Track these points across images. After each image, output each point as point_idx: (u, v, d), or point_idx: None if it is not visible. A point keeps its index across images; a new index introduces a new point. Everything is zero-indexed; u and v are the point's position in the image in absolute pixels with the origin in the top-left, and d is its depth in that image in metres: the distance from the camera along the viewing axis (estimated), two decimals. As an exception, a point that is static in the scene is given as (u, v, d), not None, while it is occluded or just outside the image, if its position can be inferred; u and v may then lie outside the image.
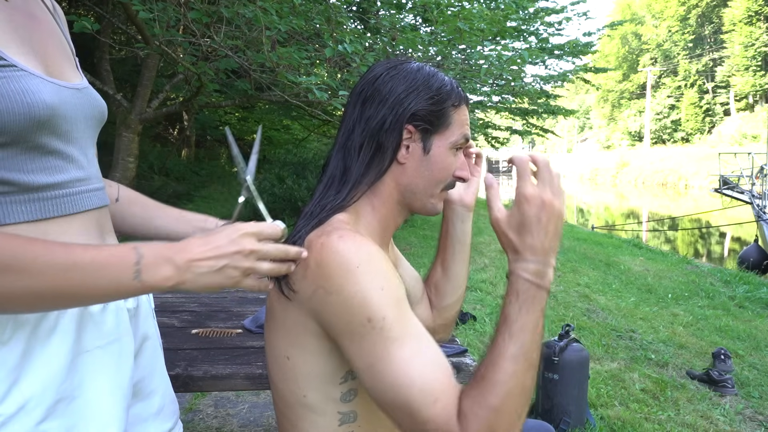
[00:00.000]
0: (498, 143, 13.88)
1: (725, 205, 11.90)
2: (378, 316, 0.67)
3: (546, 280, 0.70)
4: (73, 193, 0.66)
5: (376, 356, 0.67)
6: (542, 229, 0.69)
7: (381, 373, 0.67)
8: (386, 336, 0.67)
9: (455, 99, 0.83)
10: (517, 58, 5.93)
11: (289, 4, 3.52)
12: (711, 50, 42.83)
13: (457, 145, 0.84)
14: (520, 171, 0.71)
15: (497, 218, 0.72)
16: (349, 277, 0.68)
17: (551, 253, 0.71)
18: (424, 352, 0.68)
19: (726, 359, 2.97)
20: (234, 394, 2.43)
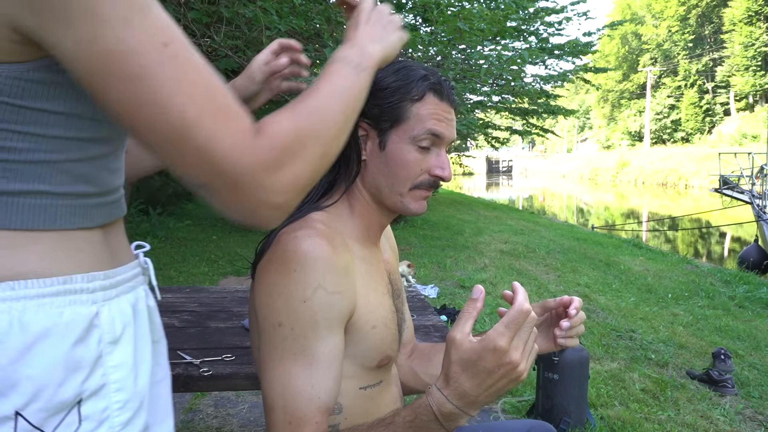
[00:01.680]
0: (498, 143, 13.89)
1: (725, 205, 11.90)
2: (287, 325, 0.70)
3: (451, 423, 0.67)
4: (122, 195, 0.64)
5: (270, 357, 0.71)
6: (486, 384, 0.64)
7: (265, 374, 0.72)
8: (286, 346, 0.70)
9: (416, 92, 0.78)
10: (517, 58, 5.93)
11: (289, 4, 3.52)
12: (711, 50, 42.83)
13: (419, 140, 0.79)
14: (510, 318, 0.64)
15: (453, 339, 0.65)
16: (282, 277, 0.71)
17: (476, 407, 0.66)
18: (308, 378, 0.70)
19: (726, 359, 2.97)
20: (234, 394, 2.43)
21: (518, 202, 22.43)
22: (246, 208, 0.51)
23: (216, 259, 5.24)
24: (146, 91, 0.45)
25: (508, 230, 8.45)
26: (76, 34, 0.44)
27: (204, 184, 0.49)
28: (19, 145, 0.49)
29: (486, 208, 13.14)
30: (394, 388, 0.91)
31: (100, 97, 0.46)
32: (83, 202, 0.55)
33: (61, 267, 0.52)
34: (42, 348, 0.50)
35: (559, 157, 56.56)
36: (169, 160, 0.49)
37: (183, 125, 0.46)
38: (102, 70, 0.45)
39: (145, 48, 0.45)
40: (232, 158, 0.48)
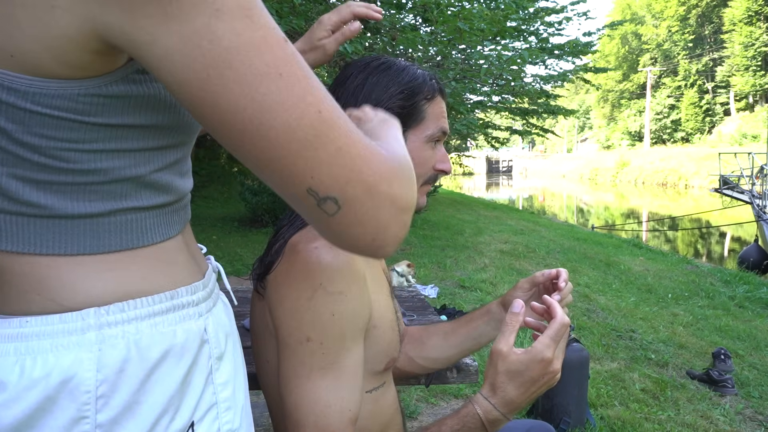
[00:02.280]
0: (498, 143, 13.89)
1: (725, 205, 11.90)
2: (317, 340, 0.69)
3: (494, 428, 0.72)
4: (189, 198, 0.60)
5: (297, 374, 0.69)
6: (530, 391, 0.70)
7: (292, 391, 0.70)
8: (315, 361, 0.69)
9: (428, 92, 0.82)
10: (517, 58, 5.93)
11: (289, 4, 3.52)
12: (711, 50, 42.84)
13: (433, 138, 0.83)
14: (555, 332, 0.72)
15: (500, 351, 0.71)
16: (308, 291, 0.69)
17: (518, 410, 0.72)
18: (338, 391, 0.69)
19: (726, 359, 2.97)
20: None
21: (518, 202, 22.43)
22: (381, 225, 0.44)
23: (216, 259, 5.24)
24: (276, 90, 0.39)
25: (508, 230, 8.45)
26: (183, 29, 0.37)
27: (335, 196, 0.42)
28: (101, 165, 0.46)
29: (486, 208, 13.14)
30: (393, 388, 0.92)
31: (207, 105, 0.39)
32: (166, 212, 0.53)
33: (164, 282, 0.50)
34: (162, 374, 0.47)
35: (559, 157, 56.55)
36: (292, 172, 0.41)
37: (321, 125, 0.40)
38: (217, 71, 0.38)
39: (269, 43, 0.39)
40: (371, 161, 0.43)
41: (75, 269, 0.47)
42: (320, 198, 0.42)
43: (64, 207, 0.46)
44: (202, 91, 0.38)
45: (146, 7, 0.37)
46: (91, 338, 0.45)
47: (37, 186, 0.45)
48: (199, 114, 0.40)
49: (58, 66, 0.40)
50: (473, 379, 1.38)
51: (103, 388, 0.45)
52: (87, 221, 0.47)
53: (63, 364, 0.44)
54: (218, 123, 0.40)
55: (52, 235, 0.46)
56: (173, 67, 0.38)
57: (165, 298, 0.49)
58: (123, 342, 0.46)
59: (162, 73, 0.39)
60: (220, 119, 0.39)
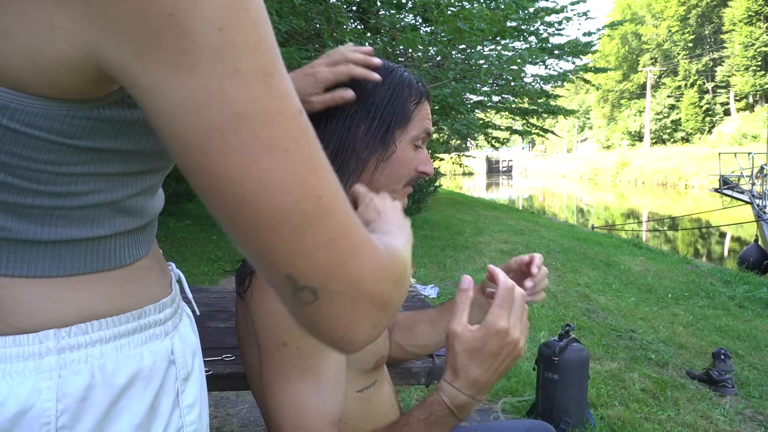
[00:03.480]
0: (498, 143, 13.90)
1: (725, 205, 11.90)
2: (293, 344, 0.69)
3: (464, 413, 0.69)
4: None
5: (276, 378, 0.69)
6: (493, 367, 0.67)
7: (273, 395, 0.70)
8: (292, 365, 0.69)
9: (415, 95, 0.82)
10: (517, 58, 5.93)
11: (289, 4, 3.52)
12: (711, 50, 42.84)
13: (417, 141, 0.83)
14: (502, 299, 0.67)
15: (455, 331, 0.68)
16: None
17: (485, 390, 0.69)
18: (318, 394, 0.69)
19: (726, 359, 2.97)
20: (234, 394, 2.43)
21: (518, 202, 22.43)
22: (353, 324, 0.40)
23: (216, 259, 5.24)
24: (278, 167, 0.35)
25: (508, 230, 8.45)
26: (193, 85, 0.33)
27: (314, 287, 0.38)
28: (75, 188, 0.42)
29: (486, 208, 13.14)
30: (387, 386, 0.92)
31: (201, 168, 0.35)
32: (136, 233, 0.50)
33: (131, 301, 0.47)
34: (128, 401, 0.44)
35: (559, 157, 56.55)
36: (276, 255, 0.37)
37: (318, 212, 0.36)
38: (221, 136, 0.33)
39: (283, 115, 0.35)
40: (362, 255, 0.39)
41: (32, 290, 0.43)
42: (298, 286, 0.37)
43: (26, 231, 0.42)
44: (199, 154, 0.34)
45: (158, 52, 0.33)
46: (50, 363, 0.42)
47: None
48: (190, 174, 0.36)
49: (46, 87, 0.37)
50: (473, 379, 1.38)
51: (64, 419, 0.42)
52: (50, 246, 0.43)
53: (19, 394, 0.40)
54: (208, 188, 0.35)
55: (7, 255, 0.42)
56: (173, 122, 0.34)
57: (132, 318, 0.47)
58: (86, 367, 0.43)
59: (158, 123, 0.35)
60: (212, 186, 0.35)
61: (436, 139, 10.33)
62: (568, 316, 3.88)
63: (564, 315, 3.92)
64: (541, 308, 4.03)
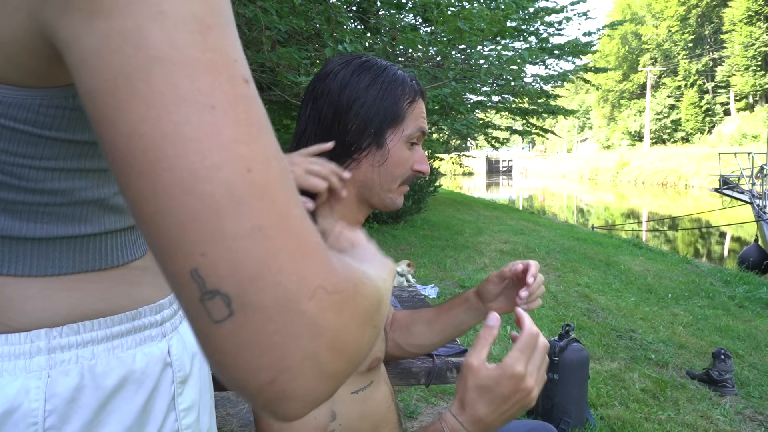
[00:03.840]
0: (498, 143, 13.90)
1: (725, 205, 11.90)
2: None
3: None
4: None
5: None
6: (501, 409, 0.66)
7: None
8: None
9: (409, 94, 0.82)
10: (517, 58, 5.93)
11: (289, 4, 3.52)
12: (711, 50, 42.84)
13: (412, 139, 0.83)
14: (524, 344, 0.67)
15: (471, 365, 0.67)
16: None
17: (488, 431, 0.68)
18: None
19: (726, 359, 2.97)
20: (234, 394, 2.43)
21: (518, 202, 22.43)
22: (284, 360, 0.27)
23: (216, 259, 5.24)
24: (196, 123, 0.27)
25: (508, 230, 8.45)
26: (108, 27, 0.27)
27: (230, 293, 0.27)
28: (60, 185, 0.42)
29: (486, 208, 13.14)
30: (384, 386, 0.91)
31: (104, 121, 0.28)
32: (132, 233, 0.49)
33: (125, 302, 0.46)
34: (118, 403, 0.43)
35: (559, 157, 56.53)
36: (183, 237, 0.27)
37: (244, 188, 0.27)
38: (128, 82, 0.27)
39: (216, 70, 0.28)
40: (303, 264, 0.28)
41: (23, 289, 0.42)
42: (206, 290, 0.27)
43: (11, 228, 0.41)
44: (103, 104, 0.27)
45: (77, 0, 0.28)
46: (40, 363, 0.41)
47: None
48: (96, 132, 0.29)
49: (12, 71, 0.35)
50: (473, 379, 1.38)
51: (52, 420, 0.41)
52: (37, 243, 0.42)
53: (7, 393, 0.40)
54: (109, 146, 0.28)
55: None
56: (84, 74, 0.28)
57: (125, 319, 0.46)
58: (76, 368, 0.42)
59: (76, 83, 0.29)
60: (112, 142, 0.28)
61: (436, 139, 10.33)
62: (568, 316, 3.88)
63: (564, 315, 3.92)
64: (541, 308, 4.03)
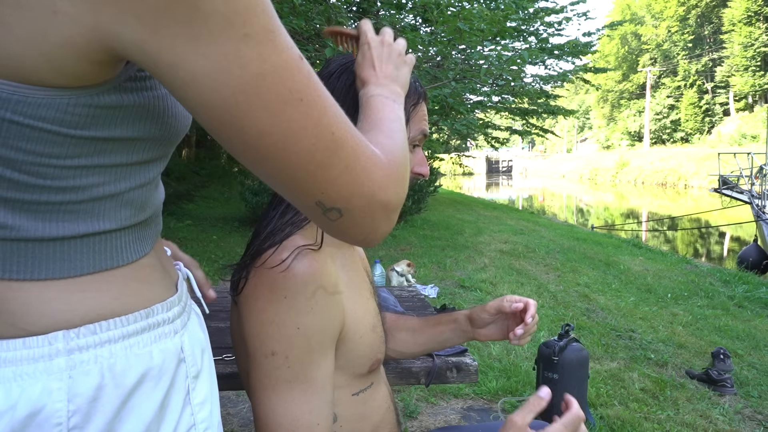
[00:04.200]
0: (498, 143, 13.91)
1: (724, 205, 11.90)
2: (281, 353, 0.68)
3: None
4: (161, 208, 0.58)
5: (264, 387, 0.69)
6: None
7: (260, 404, 0.69)
8: (280, 374, 0.69)
9: (413, 97, 0.81)
10: (517, 58, 5.94)
11: (289, 5, 3.52)
12: (710, 50, 42.84)
13: (414, 142, 0.83)
14: (570, 422, 0.77)
15: (515, 422, 0.75)
16: (273, 304, 0.69)
17: None
18: (306, 404, 0.69)
19: (725, 359, 2.97)
20: (234, 393, 2.43)
21: (518, 202, 22.43)
22: (373, 227, 0.49)
23: (216, 259, 5.24)
24: (298, 116, 0.40)
25: (507, 230, 8.45)
26: (212, 53, 0.36)
27: (339, 207, 0.46)
28: (80, 182, 0.43)
29: (486, 208, 13.14)
30: (384, 387, 0.92)
31: (233, 129, 0.40)
32: (140, 228, 0.50)
33: (138, 301, 0.48)
34: (138, 400, 0.45)
35: (558, 157, 56.53)
36: (305, 188, 0.44)
37: (334, 146, 0.43)
38: (246, 98, 0.38)
39: (291, 67, 0.40)
40: (372, 174, 0.47)
41: (41, 292, 0.43)
42: (326, 209, 0.46)
43: (35, 228, 0.42)
44: (229, 116, 0.39)
45: (172, 27, 0.35)
46: (60, 364, 0.42)
47: (5, 204, 0.41)
48: (221, 136, 0.41)
49: (50, 74, 0.37)
50: (473, 379, 1.38)
51: (76, 419, 0.42)
52: (58, 244, 0.43)
53: (30, 395, 0.41)
54: (241, 145, 0.41)
55: (17, 258, 0.42)
56: (200, 91, 0.38)
57: (140, 317, 0.47)
58: (96, 368, 0.43)
59: (185, 96, 0.39)
60: (244, 142, 0.41)
61: (436, 139, 10.34)
62: (568, 316, 3.88)
63: (564, 315, 3.92)
64: (541, 308, 4.04)
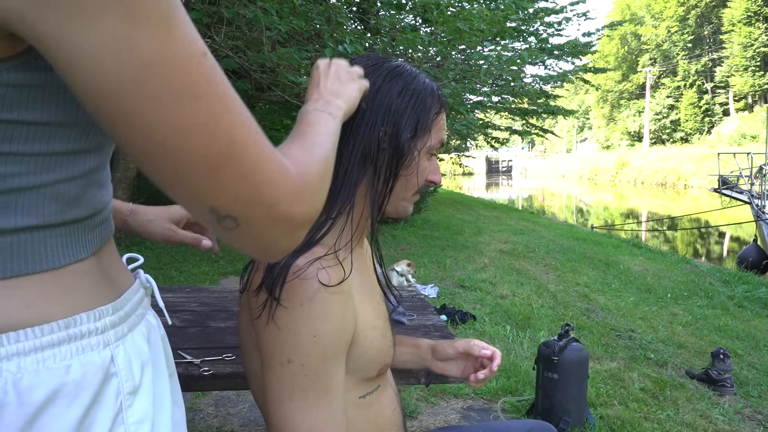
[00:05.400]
0: (498, 143, 13.91)
1: (724, 205, 11.91)
2: (297, 362, 0.69)
3: None
4: (110, 211, 0.54)
5: (280, 395, 0.69)
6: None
7: (276, 412, 0.69)
8: (297, 382, 0.69)
9: (436, 105, 0.82)
10: (516, 58, 5.94)
11: (289, 5, 3.52)
12: (710, 50, 42.85)
13: (432, 150, 0.83)
14: None
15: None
16: (289, 312, 0.69)
17: None
18: (322, 412, 0.69)
19: (725, 359, 2.98)
20: (235, 393, 2.44)
21: (518, 202, 22.44)
22: (273, 241, 0.45)
23: (216, 259, 5.25)
24: (191, 113, 0.36)
25: (507, 230, 8.46)
26: (102, 32, 0.33)
27: (234, 215, 0.42)
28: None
29: (486, 208, 13.15)
30: (390, 389, 0.92)
31: (118, 119, 0.36)
32: (74, 230, 0.45)
33: (57, 310, 0.42)
34: (48, 420, 0.40)
35: (558, 157, 56.54)
36: (197, 192, 0.40)
37: (231, 150, 0.39)
38: (135, 86, 0.34)
39: (187, 59, 0.36)
40: (274, 185, 0.42)
41: None
42: (221, 216, 0.42)
43: None
44: (115, 105, 0.35)
45: (56, 3, 0.32)
46: None
47: None
48: (107, 125, 0.37)
49: None
50: (473, 378, 1.38)
51: None
52: None
53: None
54: (127, 139, 0.37)
55: None
56: (85, 73, 0.34)
57: (58, 328, 0.41)
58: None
59: (72, 78, 0.35)
60: (131, 135, 0.36)
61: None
62: (568, 316, 3.88)
63: (563, 315, 3.93)
64: (541, 308, 4.04)
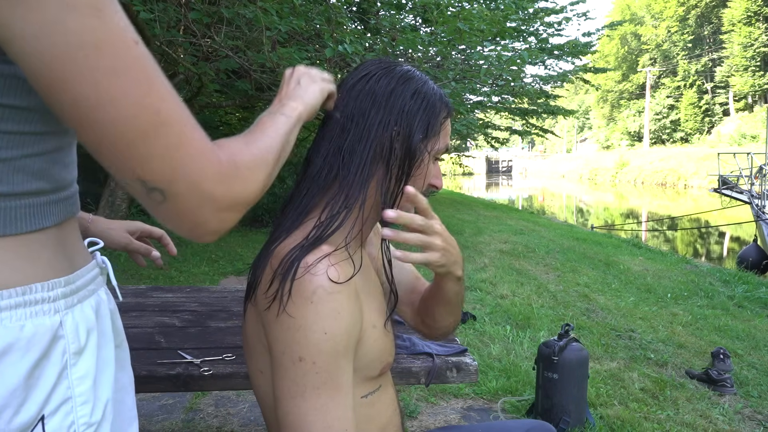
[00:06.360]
0: (498, 143, 13.92)
1: (724, 205, 11.91)
2: (309, 359, 0.68)
3: None
4: (76, 190, 0.61)
5: (291, 394, 0.69)
6: None
7: (288, 411, 0.69)
8: (308, 380, 0.68)
9: (445, 110, 0.83)
10: (516, 58, 5.94)
11: (289, 5, 3.52)
12: (710, 50, 42.85)
13: (439, 155, 0.85)
14: None
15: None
16: (300, 310, 0.69)
17: None
18: (335, 410, 0.69)
19: (725, 359, 2.98)
20: (235, 393, 2.44)
21: (518, 202, 22.44)
22: (199, 219, 0.50)
23: (216, 259, 5.25)
24: (117, 89, 0.43)
25: (507, 230, 8.46)
26: (37, 18, 0.40)
27: (161, 188, 0.47)
28: None
29: (486, 208, 13.14)
30: (391, 389, 0.92)
31: (53, 93, 0.43)
32: (39, 201, 0.52)
33: (19, 276, 0.49)
34: (3, 367, 0.47)
35: (558, 157, 56.55)
36: (125, 161, 0.46)
37: (155, 124, 0.45)
38: (65, 64, 0.41)
39: (116, 43, 0.43)
40: (199, 162, 0.48)
41: None
42: (149, 188, 0.47)
43: None
44: (48, 80, 0.42)
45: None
46: None
47: None
48: (45, 96, 0.44)
49: None
50: (473, 378, 1.38)
51: None
52: None
53: None
54: (61, 110, 0.44)
55: None
56: (26, 54, 0.41)
57: (16, 294, 0.48)
58: None
59: (17, 60, 0.42)
60: (64, 107, 0.43)
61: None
62: (568, 316, 3.88)
63: (563, 314, 3.93)
64: (541, 308, 4.04)
